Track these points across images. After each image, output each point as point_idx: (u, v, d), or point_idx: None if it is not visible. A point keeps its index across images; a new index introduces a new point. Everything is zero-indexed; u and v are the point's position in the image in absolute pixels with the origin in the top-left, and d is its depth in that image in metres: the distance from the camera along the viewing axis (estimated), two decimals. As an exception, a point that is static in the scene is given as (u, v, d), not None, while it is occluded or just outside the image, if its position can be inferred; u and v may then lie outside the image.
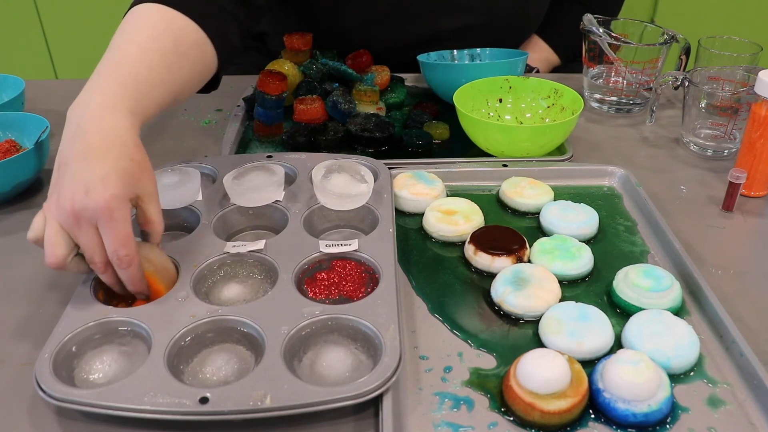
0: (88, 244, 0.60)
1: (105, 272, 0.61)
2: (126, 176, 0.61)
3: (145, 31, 0.72)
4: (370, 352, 0.58)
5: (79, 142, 0.61)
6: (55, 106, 1.09)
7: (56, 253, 0.59)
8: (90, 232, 0.59)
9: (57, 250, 0.59)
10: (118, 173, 0.60)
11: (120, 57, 0.69)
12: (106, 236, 0.59)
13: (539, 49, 1.29)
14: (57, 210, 0.59)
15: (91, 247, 0.60)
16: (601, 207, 0.80)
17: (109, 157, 0.60)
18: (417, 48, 1.11)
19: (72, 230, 0.60)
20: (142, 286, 0.62)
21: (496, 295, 0.66)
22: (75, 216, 0.58)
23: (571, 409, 0.53)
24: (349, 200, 0.74)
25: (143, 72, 0.68)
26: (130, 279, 0.61)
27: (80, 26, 2.08)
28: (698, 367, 0.59)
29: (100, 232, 0.59)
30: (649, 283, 0.64)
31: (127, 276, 0.61)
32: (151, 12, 0.73)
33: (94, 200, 0.58)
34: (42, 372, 0.54)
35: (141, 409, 0.52)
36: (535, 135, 0.88)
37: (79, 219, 0.59)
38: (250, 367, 0.57)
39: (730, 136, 0.93)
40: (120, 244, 0.59)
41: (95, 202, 0.58)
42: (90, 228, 0.59)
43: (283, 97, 0.94)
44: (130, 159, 0.62)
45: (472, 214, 0.77)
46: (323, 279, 0.66)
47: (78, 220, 0.59)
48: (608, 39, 1.03)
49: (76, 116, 0.63)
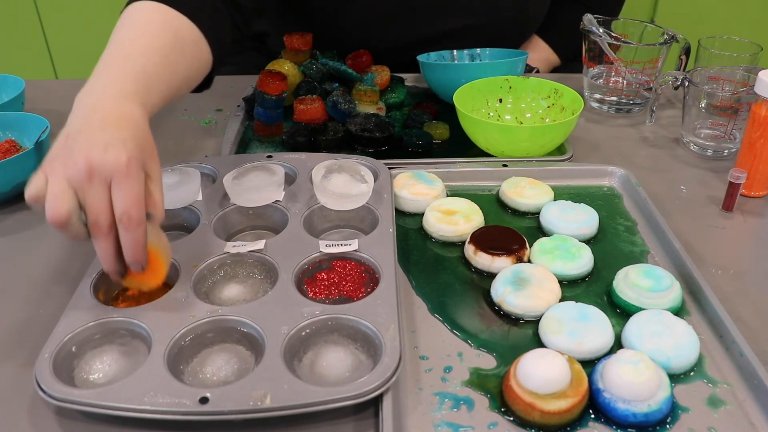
0: (97, 204, 0.57)
1: (107, 236, 0.58)
2: (142, 149, 0.60)
3: (147, 28, 0.73)
4: (370, 352, 0.58)
5: (95, 116, 0.61)
6: (55, 106, 1.09)
7: (60, 208, 0.56)
8: (101, 191, 0.57)
9: (61, 205, 0.56)
10: (136, 141, 0.60)
11: (127, 51, 0.70)
12: (120, 195, 0.57)
13: (539, 49, 1.29)
14: (66, 167, 0.57)
15: (99, 207, 0.57)
16: (601, 207, 0.80)
17: (127, 128, 0.60)
18: (417, 48, 1.11)
19: (82, 188, 0.57)
20: (142, 255, 0.59)
21: (496, 295, 0.66)
22: (89, 171, 0.56)
23: (571, 409, 0.53)
24: (349, 200, 0.74)
25: (150, 67, 0.69)
26: (133, 243, 0.58)
27: (80, 26, 2.08)
28: (698, 367, 0.59)
29: (113, 190, 0.57)
30: (649, 283, 0.64)
31: (131, 239, 0.58)
32: (151, 9, 0.75)
33: (113, 156, 0.57)
34: (42, 372, 0.54)
35: (141, 409, 0.52)
36: (535, 135, 0.88)
37: (93, 175, 0.56)
38: (250, 367, 0.57)
39: (730, 136, 0.93)
40: (132, 204, 0.57)
41: (115, 159, 0.57)
42: (102, 186, 0.57)
43: (283, 97, 0.94)
44: (144, 137, 0.62)
45: (472, 214, 0.77)
46: (323, 279, 0.66)
47: (91, 175, 0.56)
48: (608, 39, 1.03)
49: (89, 102, 0.63)
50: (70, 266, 0.72)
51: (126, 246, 0.58)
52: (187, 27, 0.76)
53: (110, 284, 0.66)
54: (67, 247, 0.76)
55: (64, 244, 0.76)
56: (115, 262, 0.59)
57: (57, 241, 0.77)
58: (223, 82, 1.18)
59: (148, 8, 0.75)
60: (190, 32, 0.76)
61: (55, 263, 0.73)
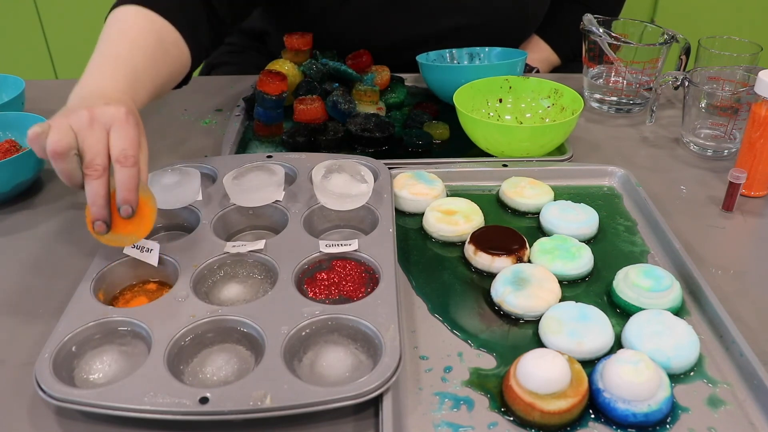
0: (95, 145, 0.62)
1: (101, 177, 0.61)
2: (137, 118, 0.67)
3: (133, 29, 0.79)
4: (370, 352, 0.58)
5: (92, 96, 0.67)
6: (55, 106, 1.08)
7: (61, 141, 0.61)
8: (100, 134, 0.62)
9: (62, 138, 0.61)
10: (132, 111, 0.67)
11: (116, 50, 0.76)
12: (118, 137, 0.63)
13: (539, 49, 1.29)
14: (69, 116, 0.62)
15: (96, 148, 0.62)
16: (601, 207, 0.80)
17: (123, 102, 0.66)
18: (416, 47, 1.11)
19: (82, 130, 0.62)
20: (133, 195, 0.62)
21: (496, 295, 0.66)
22: (91, 117, 0.62)
23: (571, 409, 0.53)
24: (349, 200, 0.74)
25: (139, 66, 0.75)
26: (127, 180, 0.62)
27: (80, 26, 2.08)
28: (698, 367, 0.59)
29: (112, 134, 0.63)
30: (649, 283, 0.64)
31: (125, 177, 0.62)
32: (135, 13, 0.80)
33: (113, 108, 0.64)
34: (42, 372, 0.54)
35: (141, 409, 0.52)
36: (535, 135, 0.88)
37: (94, 120, 0.62)
38: (250, 367, 0.57)
39: (730, 136, 0.93)
40: (130, 144, 0.63)
41: (115, 109, 0.64)
42: (102, 130, 0.63)
43: (283, 97, 0.94)
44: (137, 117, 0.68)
45: (472, 214, 0.77)
46: (323, 279, 0.66)
47: (92, 120, 0.62)
48: (608, 39, 1.03)
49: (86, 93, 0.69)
50: (70, 266, 0.72)
51: (120, 185, 0.62)
52: (169, 30, 0.81)
53: (110, 284, 0.66)
54: (67, 247, 0.76)
55: (64, 245, 0.76)
56: (105, 206, 0.62)
57: (57, 241, 0.77)
58: (223, 82, 1.18)
59: (132, 12, 0.80)
60: (172, 34, 0.82)
61: (55, 263, 0.73)
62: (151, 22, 0.80)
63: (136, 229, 0.64)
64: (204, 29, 0.88)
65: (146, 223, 0.64)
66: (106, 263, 0.66)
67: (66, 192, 0.86)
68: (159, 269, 0.67)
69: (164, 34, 0.81)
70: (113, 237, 0.64)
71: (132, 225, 0.64)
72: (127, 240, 0.65)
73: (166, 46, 0.81)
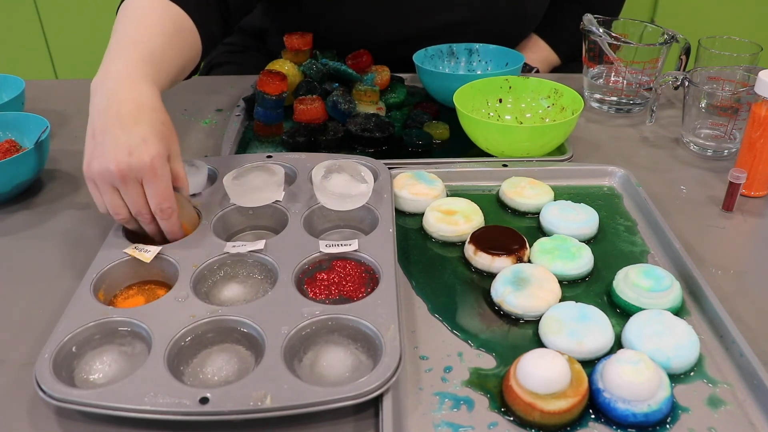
0: (135, 201, 0.67)
1: (150, 224, 0.69)
2: (161, 137, 0.67)
3: (149, 16, 0.79)
4: (370, 352, 0.58)
5: (113, 110, 0.67)
6: (55, 106, 1.09)
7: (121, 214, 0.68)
8: (136, 190, 0.66)
9: (121, 211, 0.68)
10: (155, 135, 0.67)
11: (134, 36, 0.76)
12: (150, 192, 0.66)
13: (539, 49, 1.29)
14: (103, 174, 0.66)
15: (138, 203, 0.67)
16: (601, 207, 0.80)
17: (144, 121, 0.67)
18: (414, 43, 1.11)
19: (120, 188, 0.66)
20: (178, 233, 0.70)
21: (496, 295, 0.66)
22: (121, 176, 0.65)
23: (571, 409, 0.53)
24: (349, 200, 0.74)
25: (157, 50, 0.76)
26: (170, 229, 0.69)
27: (80, 26, 2.08)
28: (698, 367, 0.59)
29: (145, 187, 0.66)
30: (649, 283, 0.64)
31: (168, 226, 0.69)
32: (149, 2, 0.81)
33: (138, 160, 0.65)
34: (42, 372, 0.54)
35: (141, 410, 0.51)
36: (535, 135, 0.88)
37: (126, 179, 0.65)
38: (250, 367, 0.57)
39: (730, 136, 0.93)
40: (163, 198, 0.67)
41: (140, 162, 0.65)
42: (136, 185, 0.66)
43: (283, 97, 0.94)
44: (161, 122, 0.69)
45: (472, 214, 0.77)
46: (323, 279, 0.66)
47: (125, 179, 0.65)
48: (608, 39, 1.03)
49: (104, 87, 0.69)
50: (70, 266, 0.72)
51: (165, 230, 0.70)
52: (184, 17, 0.83)
53: (110, 284, 0.66)
54: (67, 247, 0.76)
55: (64, 245, 0.76)
56: (162, 241, 0.71)
57: (57, 241, 0.77)
58: (223, 82, 1.18)
59: (145, 1, 0.81)
60: (187, 22, 0.83)
61: (55, 263, 0.73)
62: (167, 8, 0.81)
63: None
64: (214, 18, 0.90)
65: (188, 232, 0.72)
66: (106, 263, 0.66)
67: (66, 192, 0.86)
68: (159, 269, 0.67)
69: (180, 21, 0.82)
70: None
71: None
72: None
73: (183, 32, 0.82)
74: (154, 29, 0.77)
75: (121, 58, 0.73)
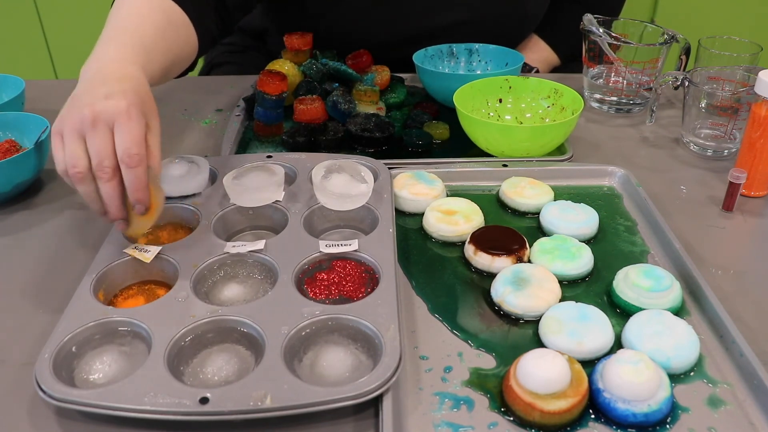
0: (102, 147, 0.62)
1: (111, 179, 0.62)
2: (142, 100, 0.66)
3: (142, 7, 0.80)
4: (370, 352, 0.58)
5: (99, 76, 0.67)
6: (55, 106, 1.08)
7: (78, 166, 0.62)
8: (104, 135, 0.62)
9: (79, 163, 0.62)
10: (136, 92, 0.66)
11: (124, 24, 0.76)
12: (121, 136, 0.62)
13: (539, 49, 1.29)
14: (72, 117, 0.63)
15: (103, 150, 0.62)
16: (601, 207, 0.80)
17: (128, 82, 0.66)
18: (415, 43, 1.11)
19: (87, 133, 0.62)
20: (144, 194, 0.63)
21: (496, 295, 0.66)
22: (93, 117, 0.62)
23: (571, 409, 0.53)
24: (349, 200, 0.74)
25: (147, 38, 0.76)
26: (135, 181, 0.62)
27: (80, 26, 2.08)
28: (698, 367, 0.59)
29: (116, 133, 0.62)
30: (649, 283, 0.64)
31: (133, 177, 0.62)
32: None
33: (114, 103, 0.63)
34: (42, 372, 0.54)
35: (141, 410, 0.51)
36: (535, 135, 0.88)
37: (97, 120, 0.62)
38: (250, 368, 0.57)
39: (730, 136, 0.93)
40: (134, 143, 0.62)
41: (115, 105, 0.63)
42: (105, 131, 0.62)
43: (283, 97, 0.94)
44: (146, 93, 0.68)
45: (472, 214, 0.77)
46: (323, 279, 0.66)
47: (95, 121, 0.62)
48: (608, 39, 1.03)
49: (91, 68, 0.69)
50: (71, 266, 0.72)
51: (129, 187, 0.63)
52: (178, 11, 0.83)
53: (110, 284, 0.66)
54: (67, 247, 0.76)
55: (64, 245, 0.76)
56: (121, 206, 0.64)
57: (57, 241, 0.77)
58: (223, 82, 1.18)
59: None
60: (180, 16, 0.83)
61: (55, 263, 0.73)
62: (160, 3, 0.82)
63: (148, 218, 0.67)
64: (211, 16, 0.90)
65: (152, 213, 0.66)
66: (106, 263, 0.66)
67: (66, 192, 0.86)
68: (159, 269, 0.67)
69: (173, 14, 0.82)
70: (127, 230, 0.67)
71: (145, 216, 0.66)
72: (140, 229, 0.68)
73: (176, 25, 0.82)
74: (145, 19, 0.78)
75: (111, 45, 0.73)
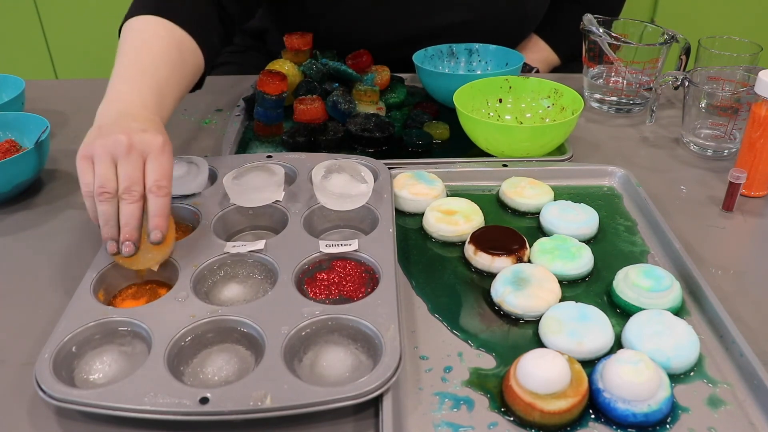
0: (131, 173, 0.65)
1: (136, 203, 0.64)
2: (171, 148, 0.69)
3: (154, 40, 0.80)
4: (370, 352, 0.58)
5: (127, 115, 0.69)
6: (55, 106, 1.09)
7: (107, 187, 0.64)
8: (137, 162, 0.65)
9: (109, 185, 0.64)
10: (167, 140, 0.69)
11: (141, 65, 0.77)
12: (154, 166, 0.65)
13: (539, 49, 1.29)
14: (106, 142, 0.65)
15: (134, 176, 0.65)
16: (601, 207, 0.80)
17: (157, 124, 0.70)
18: (415, 43, 1.11)
19: (120, 158, 0.65)
20: (164, 223, 0.65)
21: (496, 295, 0.66)
22: (129, 144, 0.65)
23: (571, 409, 0.53)
24: (349, 200, 0.74)
25: (163, 81, 0.77)
26: (160, 209, 0.65)
27: (80, 26, 2.08)
28: (698, 367, 0.59)
29: (148, 164, 0.65)
30: (649, 283, 0.64)
31: (159, 205, 0.65)
32: (154, 24, 0.82)
33: (151, 136, 0.66)
34: (42, 372, 0.54)
35: (141, 410, 0.51)
36: (535, 135, 0.88)
37: (132, 148, 0.65)
38: (250, 368, 0.57)
39: (730, 136, 0.93)
40: (164, 176, 0.66)
41: (152, 138, 0.66)
42: (138, 159, 0.65)
43: (283, 97, 0.94)
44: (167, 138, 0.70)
45: (472, 214, 0.77)
46: (323, 279, 0.66)
47: (131, 148, 0.65)
48: (608, 39, 1.03)
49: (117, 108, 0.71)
50: (71, 266, 0.72)
51: (153, 213, 0.64)
52: (187, 39, 0.83)
53: (110, 284, 0.66)
54: (67, 247, 0.76)
55: (64, 245, 0.76)
56: (138, 228, 0.64)
57: (57, 241, 0.77)
58: (223, 82, 1.18)
59: (151, 23, 0.82)
60: (189, 44, 0.84)
61: (55, 263, 0.73)
62: (171, 32, 0.82)
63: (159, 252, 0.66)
64: (215, 30, 0.90)
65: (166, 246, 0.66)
66: (106, 263, 0.66)
67: (66, 192, 0.86)
68: (159, 269, 0.67)
69: (183, 45, 0.83)
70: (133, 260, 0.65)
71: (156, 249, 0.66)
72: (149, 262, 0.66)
73: (185, 56, 0.83)
74: (158, 58, 0.78)
75: (131, 88, 0.74)
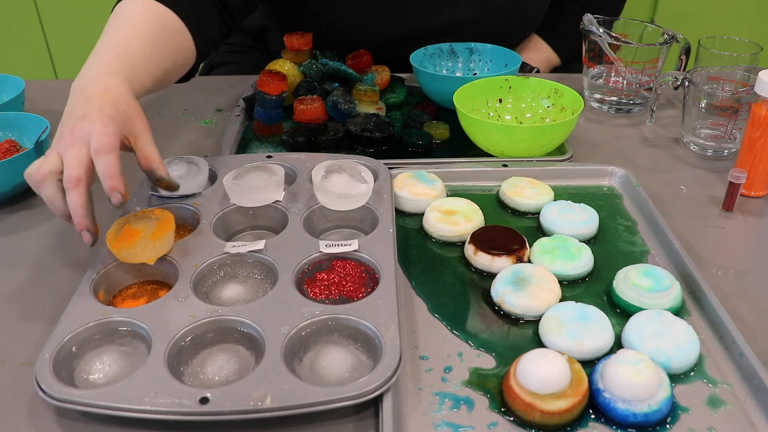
0: (72, 160, 0.64)
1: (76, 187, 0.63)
2: (121, 112, 0.68)
3: (135, 18, 0.80)
4: (370, 352, 0.58)
5: (82, 95, 0.69)
6: (55, 106, 1.09)
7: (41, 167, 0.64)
8: (79, 150, 0.64)
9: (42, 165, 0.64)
10: (114, 107, 0.68)
11: (115, 39, 0.77)
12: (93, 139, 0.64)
13: (540, 49, 1.29)
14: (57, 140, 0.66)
15: (73, 162, 0.63)
16: (601, 207, 0.80)
17: (107, 98, 0.68)
18: (415, 42, 1.11)
19: (66, 149, 0.65)
20: (117, 180, 0.63)
21: (496, 295, 0.66)
22: (71, 138, 0.65)
23: (571, 409, 0.53)
24: (349, 200, 0.74)
25: (136, 50, 0.77)
26: (106, 168, 0.63)
27: (80, 26, 2.08)
28: (698, 367, 0.59)
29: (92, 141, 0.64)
30: (649, 283, 0.64)
31: (103, 164, 0.63)
32: (141, 3, 0.82)
33: (90, 121, 0.66)
34: (42, 372, 0.54)
35: (141, 410, 0.51)
36: (535, 135, 0.88)
37: (75, 140, 0.65)
38: (250, 367, 0.57)
39: (730, 136, 0.93)
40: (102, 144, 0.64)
41: (91, 123, 0.65)
42: (81, 146, 0.64)
43: (283, 97, 0.94)
44: (126, 104, 0.69)
45: (472, 214, 0.77)
46: (323, 279, 0.66)
47: (73, 141, 0.65)
48: (608, 39, 1.03)
49: (78, 84, 0.71)
50: (70, 266, 0.72)
51: (101, 174, 0.63)
52: (173, 19, 0.83)
53: (110, 284, 0.66)
54: (67, 247, 0.76)
55: (64, 245, 0.76)
56: (86, 215, 0.63)
57: (57, 241, 0.77)
58: (223, 82, 1.18)
59: (138, 3, 0.82)
60: (176, 23, 0.83)
61: (55, 263, 0.73)
62: (154, 10, 0.82)
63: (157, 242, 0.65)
64: (213, 22, 0.90)
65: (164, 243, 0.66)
66: (106, 263, 0.66)
67: (66, 192, 0.86)
68: (159, 269, 0.67)
69: (167, 23, 0.82)
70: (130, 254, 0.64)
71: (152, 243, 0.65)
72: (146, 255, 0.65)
73: (170, 34, 0.82)
74: (135, 30, 0.78)
75: (97, 61, 0.75)
